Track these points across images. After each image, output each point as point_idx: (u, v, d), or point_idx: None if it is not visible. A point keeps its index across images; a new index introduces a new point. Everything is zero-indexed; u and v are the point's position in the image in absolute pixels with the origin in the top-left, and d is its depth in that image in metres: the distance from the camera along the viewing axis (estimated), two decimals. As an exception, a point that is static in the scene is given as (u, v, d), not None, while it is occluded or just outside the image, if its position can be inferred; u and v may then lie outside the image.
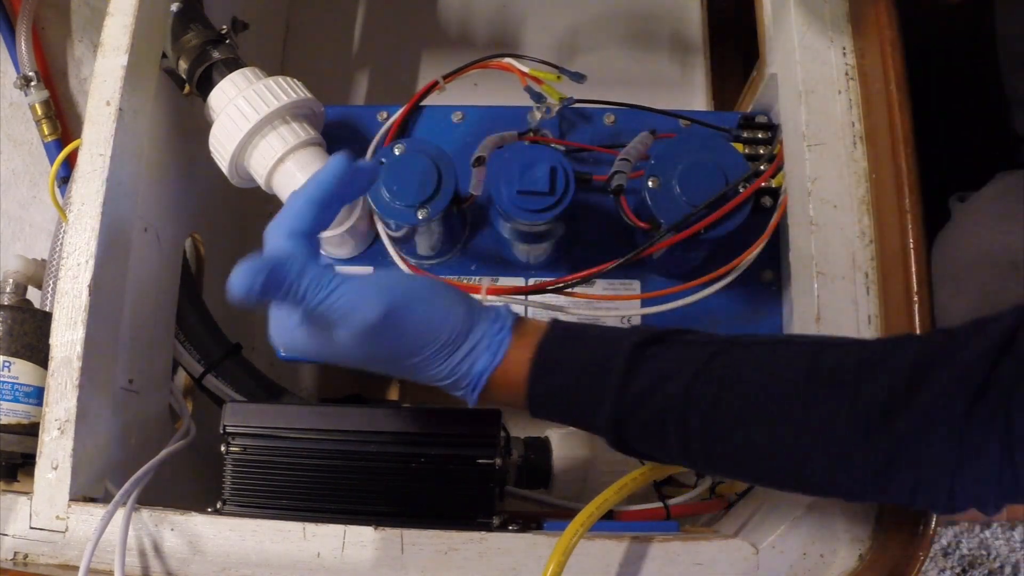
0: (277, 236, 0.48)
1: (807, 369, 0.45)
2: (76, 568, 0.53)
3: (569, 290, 0.62)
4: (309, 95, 0.64)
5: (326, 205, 0.49)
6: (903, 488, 0.43)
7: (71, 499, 0.57)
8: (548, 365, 0.49)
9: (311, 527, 0.55)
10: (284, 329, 0.49)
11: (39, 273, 0.69)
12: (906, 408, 0.42)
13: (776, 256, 0.66)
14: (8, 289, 0.67)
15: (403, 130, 0.70)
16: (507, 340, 0.49)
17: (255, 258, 0.45)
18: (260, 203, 0.95)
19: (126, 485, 0.56)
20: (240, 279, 0.44)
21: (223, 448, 0.59)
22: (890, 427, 0.42)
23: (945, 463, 0.41)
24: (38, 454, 0.58)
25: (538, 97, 0.67)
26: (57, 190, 0.77)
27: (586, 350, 0.49)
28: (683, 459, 0.49)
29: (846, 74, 0.62)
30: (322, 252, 0.68)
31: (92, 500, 0.59)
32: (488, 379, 0.49)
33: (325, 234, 0.63)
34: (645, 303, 0.66)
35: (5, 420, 0.61)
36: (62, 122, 0.94)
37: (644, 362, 0.47)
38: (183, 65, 0.67)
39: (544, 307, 0.65)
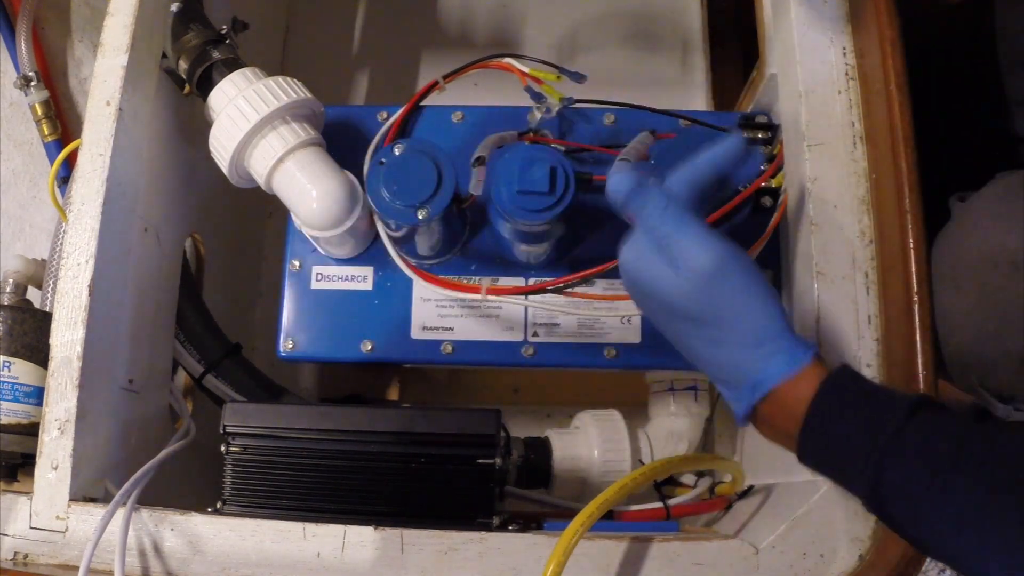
0: (671, 177, 0.52)
1: None
2: (76, 568, 0.53)
3: (569, 290, 0.62)
4: (309, 95, 0.64)
5: (719, 176, 0.52)
6: None
7: (71, 499, 0.57)
8: (834, 394, 0.47)
9: (311, 527, 0.55)
10: (634, 248, 0.51)
11: (39, 273, 0.69)
12: None
13: (776, 256, 0.66)
14: (8, 289, 0.67)
15: (403, 130, 0.70)
16: (808, 358, 0.48)
17: (643, 176, 0.51)
18: (260, 203, 0.96)
19: (126, 485, 0.56)
20: (621, 177, 0.51)
21: (223, 448, 0.59)
22: None
23: None
24: (38, 454, 0.58)
25: (538, 97, 0.67)
26: (57, 190, 0.77)
27: (873, 390, 0.48)
28: (937, 525, 0.44)
29: (846, 74, 0.62)
30: (322, 252, 0.68)
31: (92, 500, 0.59)
32: (772, 390, 0.47)
33: (325, 234, 0.63)
34: (645, 303, 0.66)
35: (5, 420, 0.61)
36: (62, 122, 0.94)
37: (925, 412, 0.45)
38: (183, 65, 0.67)
39: (544, 307, 0.65)
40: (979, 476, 0.42)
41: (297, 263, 0.69)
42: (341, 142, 0.67)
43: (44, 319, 0.62)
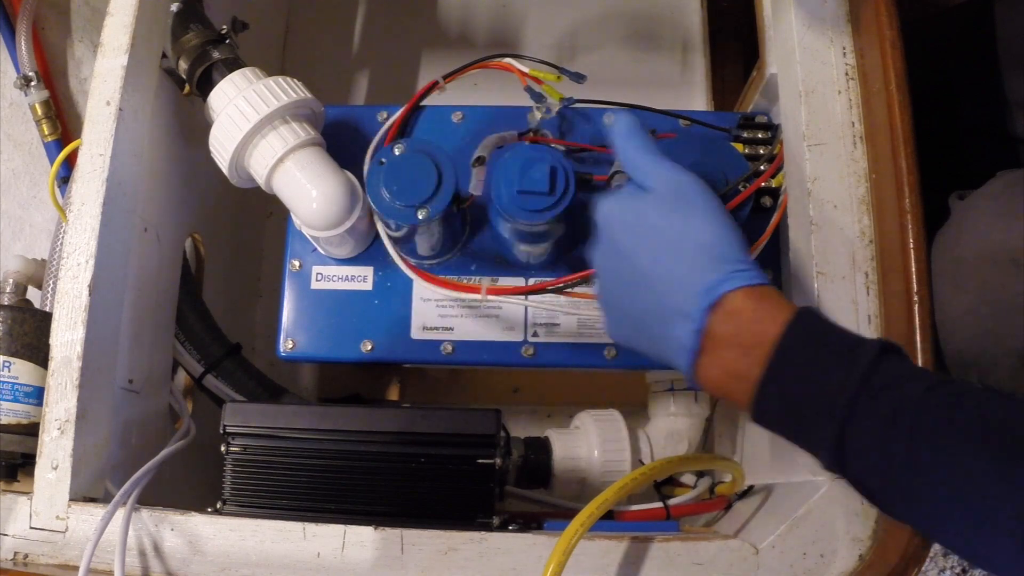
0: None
1: None
2: (76, 568, 0.53)
3: (569, 290, 0.62)
4: (309, 95, 0.64)
5: None
6: None
7: (71, 499, 0.57)
8: (804, 331, 0.44)
9: (311, 527, 0.55)
10: (614, 195, 0.54)
11: (39, 273, 0.69)
12: None
13: (776, 256, 0.66)
14: (8, 289, 0.67)
15: (403, 130, 0.70)
16: (767, 281, 0.47)
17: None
18: (260, 203, 0.96)
19: (126, 485, 0.56)
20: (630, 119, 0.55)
21: (223, 448, 0.59)
22: None
23: None
24: (38, 454, 0.58)
25: (538, 97, 0.67)
26: (57, 190, 0.77)
27: (840, 332, 0.45)
28: (896, 479, 0.42)
29: (846, 74, 0.62)
30: (322, 252, 0.68)
31: (92, 500, 0.59)
32: (730, 301, 0.46)
33: (325, 234, 0.63)
34: (645, 303, 0.66)
35: (5, 420, 0.61)
36: (62, 122, 0.94)
37: (890, 358, 0.43)
38: (183, 65, 0.67)
39: (544, 307, 0.65)
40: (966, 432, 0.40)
41: (297, 263, 0.69)
42: (341, 142, 0.67)
43: (44, 319, 0.62)
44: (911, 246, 0.58)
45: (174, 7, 0.68)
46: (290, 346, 0.68)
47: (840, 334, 0.46)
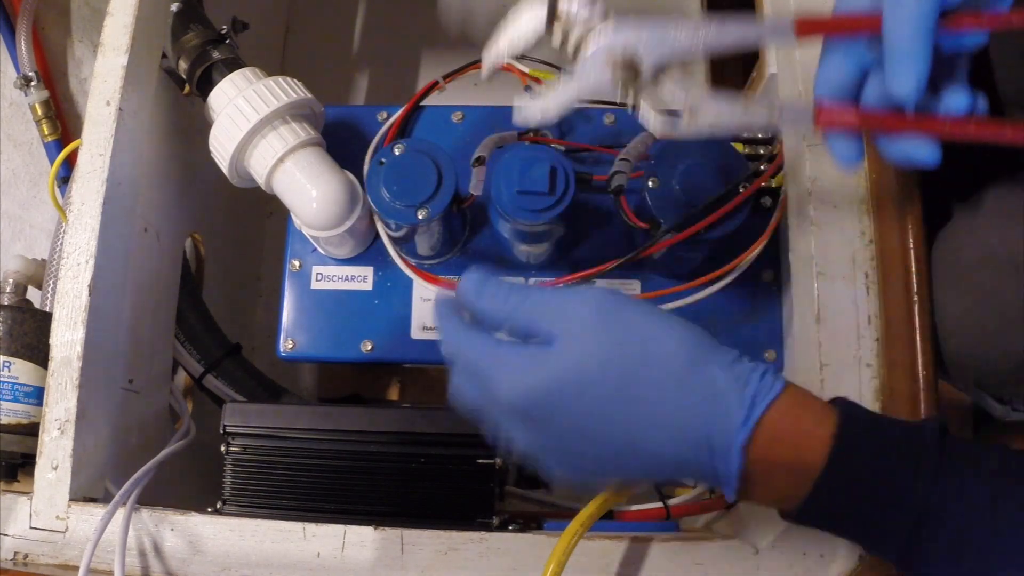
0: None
1: None
2: (76, 568, 0.53)
3: (569, 290, 0.62)
4: (309, 95, 0.64)
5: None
6: None
7: (71, 499, 0.57)
8: (851, 444, 0.39)
9: (311, 527, 0.55)
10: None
11: (39, 273, 0.69)
12: None
13: (776, 256, 0.66)
14: (8, 289, 0.67)
15: (403, 130, 0.70)
16: (782, 380, 0.39)
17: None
18: (260, 203, 0.96)
19: (126, 485, 0.56)
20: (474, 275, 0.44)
21: (223, 448, 0.59)
22: None
23: None
24: (38, 454, 0.58)
25: (538, 97, 0.67)
26: (57, 190, 0.77)
27: (886, 421, 0.41)
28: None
29: (846, 74, 0.62)
30: (322, 252, 0.68)
31: (92, 500, 0.59)
32: (766, 414, 0.39)
33: (325, 234, 0.63)
34: (645, 303, 0.66)
35: (5, 420, 0.61)
36: (62, 122, 0.94)
37: (954, 448, 0.39)
38: (183, 65, 0.67)
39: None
40: None
41: (297, 263, 0.69)
42: (341, 142, 0.67)
43: (44, 319, 0.62)
44: (911, 246, 0.58)
45: (174, 7, 0.68)
46: (290, 346, 0.68)
47: (891, 422, 0.42)
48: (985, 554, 0.38)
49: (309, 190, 0.61)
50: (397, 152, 0.61)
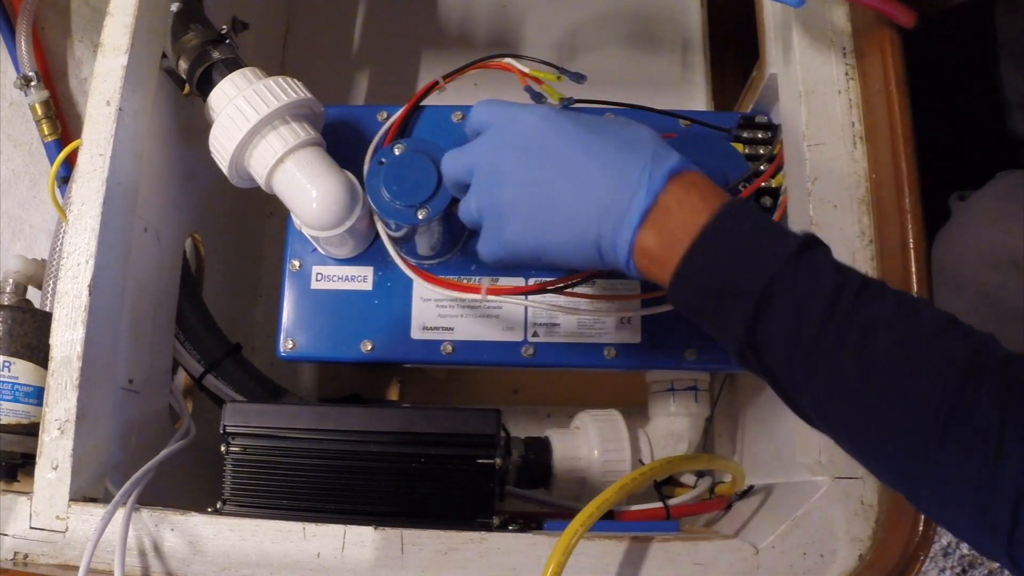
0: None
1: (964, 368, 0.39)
2: (76, 568, 0.53)
3: (569, 290, 0.62)
4: (309, 95, 0.64)
5: None
6: None
7: (71, 499, 0.57)
8: (733, 217, 0.44)
9: (311, 527, 0.55)
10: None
11: (39, 273, 0.69)
12: None
13: (776, 256, 0.66)
14: (8, 289, 0.67)
15: (403, 130, 0.70)
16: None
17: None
18: (260, 203, 0.96)
19: (126, 485, 0.56)
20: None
21: (223, 448, 0.59)
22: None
23: None
24: (38, 454, 0.58)
25: (538, 97, 0.67)
26: (57, 190, 0.77)
27: (769, 224, 0.45)
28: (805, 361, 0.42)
29: (846, 74, 0.62)
30: (322, 252, 0.68)
31: (92, 500, 0.59)
32: (669, 184, 0.46)
33: (325, 234, 0.63)
34: (645, 303, 0.66)
35: (5, 420, 0.61)
36: (62, 122, 0.94)
37: (813, 252, 0.43)
38: (183, 65, 0.67)
39: (544, 307, 0.65)
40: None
41: (297, 263, 0.69)
42: (341, 142, 0.67)
43: (44, 319, 0.62)
44: (911, 246, 0.58)
45: (174, 7, 0.68)
46: (290, 346, 0.68)
47: (771, 222, 0.46)
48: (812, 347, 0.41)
49: (309, 190, 0.61)
50: (397, 152, 0.61)
